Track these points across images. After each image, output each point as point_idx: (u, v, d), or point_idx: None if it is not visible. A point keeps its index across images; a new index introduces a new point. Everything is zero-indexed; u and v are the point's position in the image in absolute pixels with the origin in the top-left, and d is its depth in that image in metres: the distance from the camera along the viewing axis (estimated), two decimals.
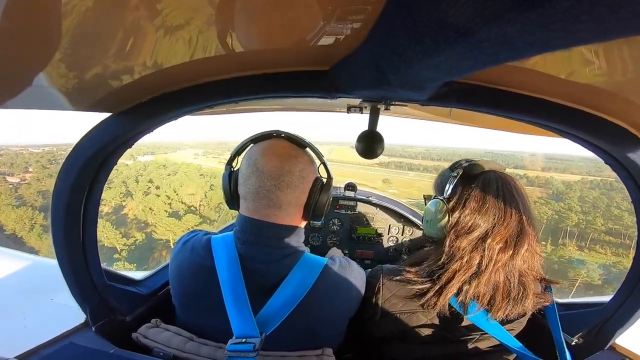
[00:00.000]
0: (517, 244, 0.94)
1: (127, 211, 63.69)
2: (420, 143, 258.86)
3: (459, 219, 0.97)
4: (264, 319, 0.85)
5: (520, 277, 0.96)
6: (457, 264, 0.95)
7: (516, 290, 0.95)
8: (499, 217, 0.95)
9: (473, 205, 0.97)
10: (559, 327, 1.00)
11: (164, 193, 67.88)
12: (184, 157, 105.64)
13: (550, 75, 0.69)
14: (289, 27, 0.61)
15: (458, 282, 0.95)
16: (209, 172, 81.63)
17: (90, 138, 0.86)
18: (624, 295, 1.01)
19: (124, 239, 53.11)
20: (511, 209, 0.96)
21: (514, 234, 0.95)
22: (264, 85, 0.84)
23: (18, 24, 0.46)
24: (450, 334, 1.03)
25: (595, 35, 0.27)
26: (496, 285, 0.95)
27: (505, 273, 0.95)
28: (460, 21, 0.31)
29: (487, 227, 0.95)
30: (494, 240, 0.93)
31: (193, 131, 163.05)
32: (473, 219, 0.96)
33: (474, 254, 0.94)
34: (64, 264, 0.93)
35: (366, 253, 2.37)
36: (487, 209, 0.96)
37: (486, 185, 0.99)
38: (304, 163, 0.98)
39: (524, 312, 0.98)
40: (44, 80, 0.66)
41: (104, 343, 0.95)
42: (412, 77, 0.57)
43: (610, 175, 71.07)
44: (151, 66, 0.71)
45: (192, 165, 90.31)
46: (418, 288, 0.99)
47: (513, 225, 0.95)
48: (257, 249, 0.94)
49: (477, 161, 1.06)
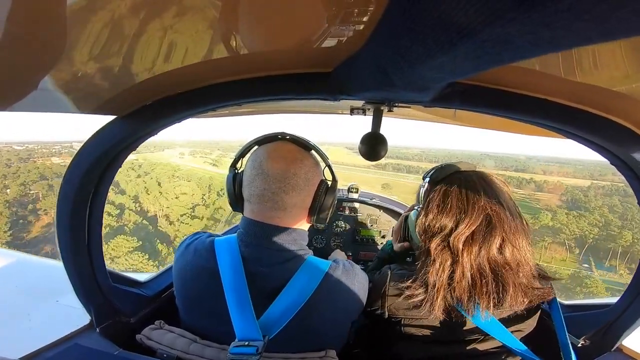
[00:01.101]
0: (487, 237, 0.94)
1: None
2: (416, 144, 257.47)
3: (425, 222, 1.01)
4: (267, 323, 0.85)
5: (493, 271, 0.94)
6: (433, 267, 0.96)
7: (492, 285, 0.93)
8: (462, 213, 0.97)
9: (435, 208, 1.01)
10: (564, 328, 0.99)
11: (118, 200, 60.36)
12: (169, 156, 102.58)
13: (554, 76, 0.68)
14: (291, 29, 0.62)
15: (442, 285, 0.95)
16: (187, 173, 77.96)
17: (95, 141, 0.86)
18: (631, 296, 1.00)
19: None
20: (475, 204, 0.97)
21: (481, 228, 0.95)
22: (268, 88, 0.84)
23: (24, 28, 0.47)
24: (455, 335, 1.03)
25: (598, 34, 0.27)
26: (472, 281, 0.94)
27: (477, 267, 0.94)
28: (463, 21, 0.32)
29: (451, 226, 0.97)
30: (456, 237, 0.95)
31: (187, 130, 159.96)
32: (438, 221, 0.99)
33: (444, 254, 0.96)
34: (69, 266, 0.93)
35: (370, 255, 2.36)
36: (450, 208, 0.99)
37: (448, 185, 1.03)
38: (309, 166, 0.98)
39: (520, 303, 0.95)
40: (50, 83, 0.67)
41: (108, 344, 0.96)
42: (415, 78, 0.57)
43: (616, 180, 69.08)
44: (155, 69, 0.72)
45: (170, 165, 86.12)
46: (418, 300, 0.99)
47: (479, 219, 0.95)
48: (261, 252, 0.93)
49: (444, 165, 1.11)
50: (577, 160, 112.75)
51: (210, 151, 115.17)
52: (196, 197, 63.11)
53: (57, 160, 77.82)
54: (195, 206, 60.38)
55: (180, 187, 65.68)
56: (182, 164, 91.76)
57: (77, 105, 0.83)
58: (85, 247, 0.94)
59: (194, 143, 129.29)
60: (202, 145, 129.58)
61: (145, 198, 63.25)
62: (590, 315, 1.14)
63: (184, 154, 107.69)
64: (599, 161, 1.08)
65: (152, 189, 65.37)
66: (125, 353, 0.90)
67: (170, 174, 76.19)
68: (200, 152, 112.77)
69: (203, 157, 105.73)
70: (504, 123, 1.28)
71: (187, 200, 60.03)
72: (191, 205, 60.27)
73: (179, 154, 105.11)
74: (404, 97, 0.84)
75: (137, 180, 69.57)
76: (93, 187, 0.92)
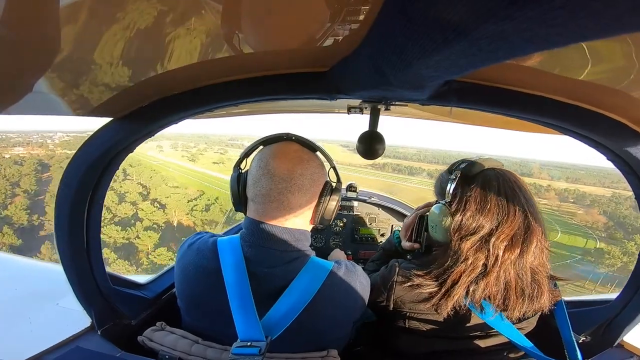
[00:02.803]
0: (525, 241, 0.93)
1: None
2: (413, 144, 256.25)
3: (461, 221, 0.97)
4: (270, 323, 0.85)
5: (533, 274, 0.95)
6: (462, 266, 0.94)
7: (530, 288, 0.94)
8: (503, 216, 0.94)
9: (474, 206, 0.96)
10: (568, 326, 0.99)
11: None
12: (144, 150, 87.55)
13: (549, 73, 0.69)
14: (288, 29, 0.62)
15: (464, 284, 0.94)
16: (143, 170, 68.02)
17: (92, 143, 0.86)
18: (631, 292, 1.00)
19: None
20: (514, 206, 0.94)
21: (520, 232, 0.93)
22: (264, 88, 0.84)
23: (18, 31, 0.47)
24: (458, 331, 1.03)
25: (593, 32, 0.27)
26: (507, 284, 0.93)
27: (516, 271, 0.94)
28: (458, 19, 0.32)
29: (490, 226, 0.94)
30: (499, 239, 0.92)
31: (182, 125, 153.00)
32: (476, 220, 0.95)
33: (479, 254, 0.93)
34: (69, 269, 0.93)
35: (369, 254, 2.36)
36: (489, 209, 0.95)
37: (486, 184, 0.98)
38: (315, 166, 0.98)
39: (540, 309, 0.97)
40: (45, 86, 0.67)
41: (109, 347, 0.96)
42: (411, 77, 0.57)
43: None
44: (151, 70, 0.72)
45: (146, 166, 74.87)
46: (427, 292, 0.99)
47: (518, 222, 0.93)
48: (264, 253, 0.93)
49: (474, 160, 1.05)
50: (572, 164, 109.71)
51: (195, 144, 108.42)
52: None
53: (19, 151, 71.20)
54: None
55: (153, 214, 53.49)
56: (149, 161, 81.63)
57: (73, 107, 0.83)
58: (84, 250, 0.94)
59: (179, 136, 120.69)
60: (186, 138, 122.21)
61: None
62: (591, 311, 1.14)
63: (162, 147, 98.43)
64: (602, 167, 1.00)
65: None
66: (127, 355, 0.90)
67: (146, 177, 67.40)
68: (183, 146, 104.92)
69: (185, 151, 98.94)
70: (500, 120, 1.29)
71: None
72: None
73: (157, 147, 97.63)
74: (401, 95, 0.84)
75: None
76: (91, 190, 0.91)
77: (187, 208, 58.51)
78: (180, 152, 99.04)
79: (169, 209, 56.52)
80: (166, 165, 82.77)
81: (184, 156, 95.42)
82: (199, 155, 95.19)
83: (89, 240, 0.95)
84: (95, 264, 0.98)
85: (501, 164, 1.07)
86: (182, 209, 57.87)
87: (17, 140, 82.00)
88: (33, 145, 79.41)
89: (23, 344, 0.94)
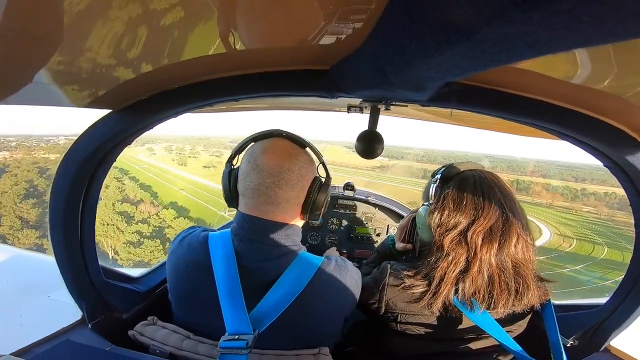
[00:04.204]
0: (504, 234, 0.96)
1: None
2: (419, 145, 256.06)
3: (440, 218, 1.02)
4: (258, 316, 0.85)
5: (515, 267, 0.97)
6: (445, 261, 0.97)
7: (514, 281, 0.96)
8: (478, 211, 0.98)
9: (451, 203, 1.02)
10: (556, 329, 1.00)
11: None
12: (135, 153, 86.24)
13: (550, 77, 0.69)
14: (290, 26, 0.62)
15: (450, 280, 0.96)
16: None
17: (89, 135, 0.85)
18: (620, 297, 1.01)
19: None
20: (490, 201, 0.99)
21: (497, 225, 0.97)
22: (265, 84, 0.84)
23: (19, 21, 0.46)
24: (450, 333, 1.04)
25: (596, 36, 0.27)
26: (490, 277, 0.96)
27: (498, 264, 0.96)
28: (462, 21, 0.32)
29: (467, 221, 0.99)
30: (475, 232, 0.96)
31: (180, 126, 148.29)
32: (453, 217, 1.00)
33: (458, 249, 0.97)
34: (62, 261, 0.93)
35: (365, 253, 2.37)
36: (465, 204, 1.00)
37: (462, 183, 1.05)
38: (303, 162, 0.99)
39: (529, 305, 0.99)
40: (45, 77, 0.66)
41: (100, 340, 0.95)
42: (413, 77, 0.57)
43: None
44: (152, 63, 0.71)
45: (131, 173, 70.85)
46: (418, 292, 1.00)
47: (495, 216, 0.97)
48: (254, 247, 0.94)
49: (452, 164, 1.13)
50: (569, 164, 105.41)
51: (193, 146, 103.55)
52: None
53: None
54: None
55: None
56: (141, 168, 77.23)
57: (72, 98, 0.82)
58: (77, 243, 0.93)
59: (175, 138, 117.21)
60: (180, 140, 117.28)
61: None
62: (579, 315, 1.15)
63: (152, 150, 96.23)
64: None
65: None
66: (117, 349, 0.89)
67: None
68: (177, 149, 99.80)
69: (179, 154, 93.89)
70: (500, 123, 1.29)
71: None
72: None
73: (147, 149, 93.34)
74: (401, 95, 0.84)
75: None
76: (86, 182, 0.91)
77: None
78: (174, 155, 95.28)
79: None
80: (147, 170, 78.33)
81: (174, 160, 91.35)
82: (190, 159, 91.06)
83: (83, 233, 0.94)
84: (88, 257, 0.97)
85: (482, 167, 1.13)
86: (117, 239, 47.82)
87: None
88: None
89: (12, 336, 0.93)
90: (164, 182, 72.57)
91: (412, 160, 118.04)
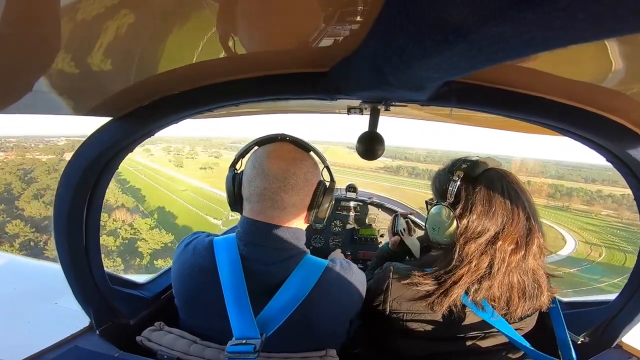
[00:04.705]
0: (528, 242, 0.93)
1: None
2: (421, 145, 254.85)
3: (467, 224, 0.96)
4: (265, 320, 0.85)
5: (533, 274, 0.96)
6: (466, 268, 0.94)
7: (531, 288, 0.95)
8: (507, 218, 0.94)
9: (479, 209, 0.95)
10: (563, 326, 0.99)
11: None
12: (132, 154, 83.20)
13: (550, 74, 0.69)
14: (288, 29, 0.62)
15: (464, 284, 0.94)
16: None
17: (91, 143, 0.86)
18: (630, 293, 1.00)
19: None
20: (518, 208, 0.94)
21: (523, 234, 0.94)
22: (264, 88, 0.84)
23: (18, 29, 0.47)
24: (456, 331, 1.03)
25: (593, 33, 0.27)
26: (510, 285, 0.94)
27: (519, 273, 0.94)
28: (458, 21, 0.32)
29: (496, 229, 0.94)
30: (505, 242, 0.92)
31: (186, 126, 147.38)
32: (481, 224, 0.94)
33: (483, 257, 0.94)
34: (67, 268, 0.93)
35: (369, 254, 2.37)
36: (495, 212, 0.94)
37: (490, 186, 0.97)
38: (308, 166, 0.99)
39: (540, 307, 0.98)
40: (45, 85, 0.67)
41: (108, 347, 0.96)
42: (411, 78, 0.57)
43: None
44: (151, 70, 0.72)
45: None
46: (424, 290, 0.99)
47: (522, 224, 0.94)
48: (260, 251, 0.94)
49: (476, 160, 1.04)
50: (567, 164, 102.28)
51: (192, 147, 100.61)
52: None
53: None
54: None
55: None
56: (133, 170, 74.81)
57: (73, 106, 0.82)
58: (83, 250, 0.94)
59: (174, 139, 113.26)
60: (189, 142, 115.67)
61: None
62: (589, 312, 1.14)
63: (150, 151, 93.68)
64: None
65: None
66: (125, 355, 0.90)
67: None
68: (175, 150, 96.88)
69: (177, 155, 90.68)
70: (500, 121, 1.29)
71: None
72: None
73: (144, 150, 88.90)
74: (401, 96, 0.84)
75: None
76: (90, 189, 0.91)
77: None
78: (171, 155, 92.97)
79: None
80: (140, 172, 76.21)
81: (170, 161, 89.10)
82: (188, 160, 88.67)
83: (87, 240, 0.94)
84: (94, 264, 0.97)
85: (499, 164, 1.07)
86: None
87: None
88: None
89: (21, 343, 0.94)
90: (155, 185, 70.35)
91: (415, 161, 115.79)
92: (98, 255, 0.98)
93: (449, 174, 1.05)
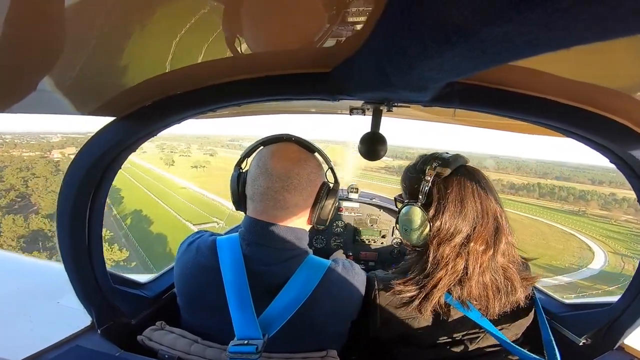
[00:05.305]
0: (496, 241, 0.95)
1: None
2: (422, 145, 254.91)
3: (440, 226, 0.96)
4: (267, 321, 0.86)
5: (504, 271, 0.97)
6: (442, 271, 0.95)
7: (504, 285, 0.96)
8: (478, 218, 0.95)
9: (452, 209, 0.96)
10: (547, 326, 1.01)
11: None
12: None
13: (553, 75, 0.68)
14: (291, 29, 0.62)
15: (444, 287, 0.95)
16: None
17: (94, 142, 0.86)
18: (633, 295, 0.99)
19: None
20: (487, 207, 0.97)
21: (492, 232, 0.95)
22: (267, 88, 0.84)
23: (22, 30, 0.47)
24: (453, 335, 1.02)
25: (596, 34, 0.27)
26: (485, 285, 0.95)
27: (491, 272, 0.95)
28: (461, 21, 0.32)
29: (467, 230, 0.95)
30: (477, 243, 0.94)
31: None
32: (454, 224, 0.95)
33: (458, 259, 0.95)
34: (70, 267, 0.93)
35: (370, 255, 2.36)
36: (466, 212, 0.95)
37: (462, 185, 0.98)
38: (312, 167, 0.99)
39: (516, 302, 0.98)
40: (49, 84, 0.67)
41: (109, 346, 0.96)
42: (414, 78, 0.57)
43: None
44: (154, 70, 0.72)
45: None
46: (407, 296, 0.99)
47: (491, 223, 0.95)
48: (262, 251, 0.94)
49: (446, 157, 1.02)
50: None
51: (188, 144, 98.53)
52: None
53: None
54: None
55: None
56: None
57: (76, 106, 0.83)
58: (85, 249, 0.94)
59: (176, 136, 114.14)
60: (186, 140, 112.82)
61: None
62: (591, 314, 1.14)
63: (143, 148, 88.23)
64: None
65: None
66: (126, 354, 0.90)
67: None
68: (170, 146, 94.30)
69: (173, 152, 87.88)
70: (503, 122, 1.29)
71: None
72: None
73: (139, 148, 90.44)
74: (403, 96, 0.84)
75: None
76: (93, 189, 0.92)
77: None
78: (165, 153, 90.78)
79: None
80: (126, 171, 73.09)
81: (162, 158, 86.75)
82: (181, 157, 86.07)
83: (90, 239, 0.95)
84: (96, 263, 0.98)
85: (467, 160, 1.07)
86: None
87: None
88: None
89: (23, 342, 0.94)
90: (139, 184, 68.02)
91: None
92: (100, 254, 0.99)
93: (420, 173, 1.04)
